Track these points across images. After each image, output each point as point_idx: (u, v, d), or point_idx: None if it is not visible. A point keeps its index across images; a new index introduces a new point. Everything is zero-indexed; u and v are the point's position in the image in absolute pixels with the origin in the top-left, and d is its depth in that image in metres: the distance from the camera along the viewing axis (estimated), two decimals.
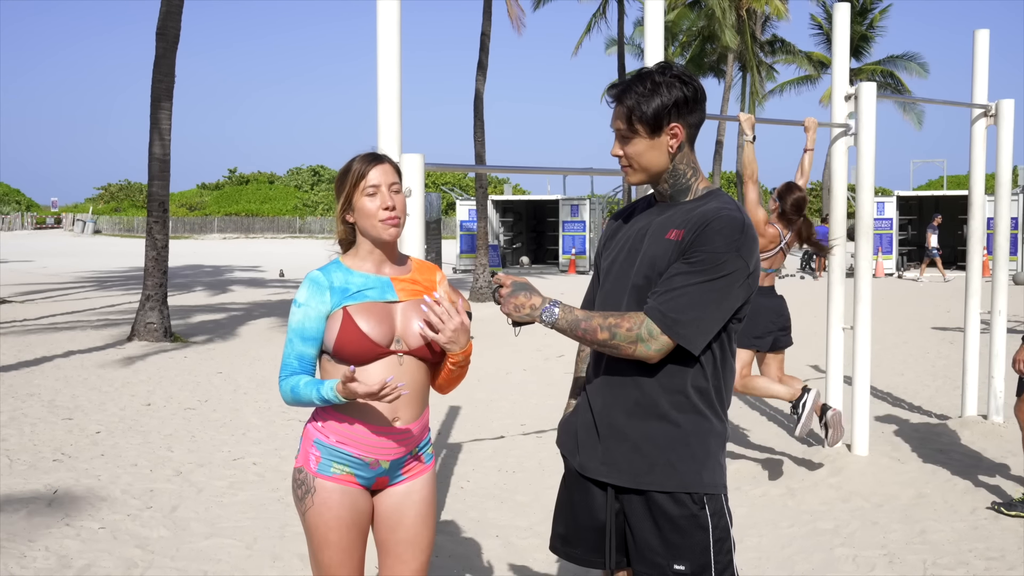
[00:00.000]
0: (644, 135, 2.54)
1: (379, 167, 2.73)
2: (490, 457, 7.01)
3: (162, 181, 13.77)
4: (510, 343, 12.79)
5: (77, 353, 12.03)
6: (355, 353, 2.68)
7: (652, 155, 2.56)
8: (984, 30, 7.70)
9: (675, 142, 2.55)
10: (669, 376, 2.51)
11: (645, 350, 2.45)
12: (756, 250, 2.50)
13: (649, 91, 2.51)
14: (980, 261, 7.87)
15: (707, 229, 2.44)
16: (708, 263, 2.42)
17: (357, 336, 2.67)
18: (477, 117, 21.58)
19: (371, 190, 2.70)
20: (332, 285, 2.72)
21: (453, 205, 45.88)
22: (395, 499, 2.83)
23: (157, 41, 13.68)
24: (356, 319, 2.68)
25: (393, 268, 2.80)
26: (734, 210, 2.50)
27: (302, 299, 2.72)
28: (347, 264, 2.77)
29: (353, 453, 2.73)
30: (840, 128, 6.72)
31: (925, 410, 8.55)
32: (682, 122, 2.53)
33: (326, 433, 2.74)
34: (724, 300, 2.45)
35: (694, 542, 2.51)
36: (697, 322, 2.43)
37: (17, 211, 71.29)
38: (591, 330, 2.50)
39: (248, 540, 5.13)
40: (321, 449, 2.74)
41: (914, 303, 19.82)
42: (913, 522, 5.35)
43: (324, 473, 2.73)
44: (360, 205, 2.71)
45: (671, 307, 2.43)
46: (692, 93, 2.53)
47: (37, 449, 7.11)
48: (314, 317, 2.71)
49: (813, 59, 44.17)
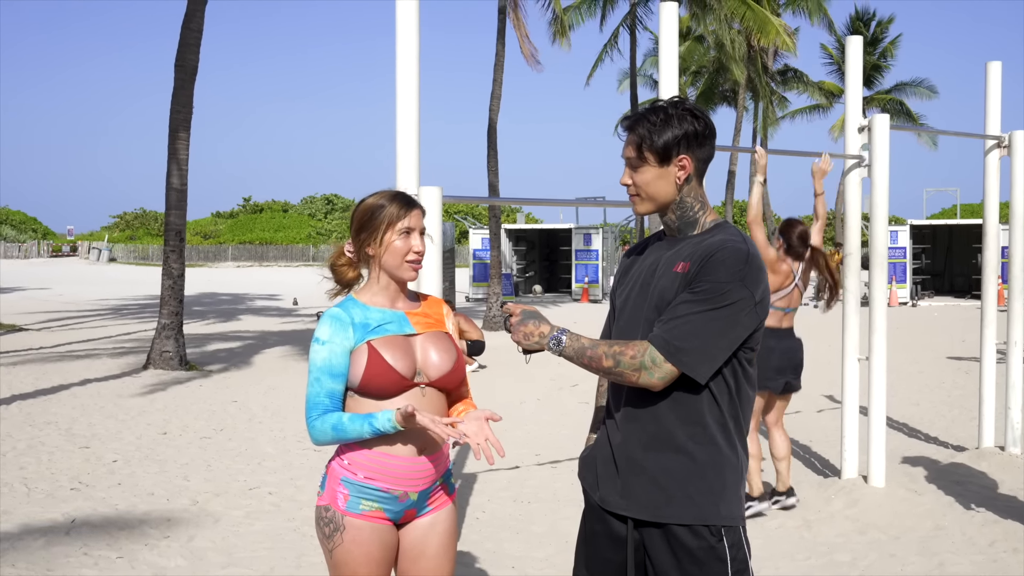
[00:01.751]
0: (653, 164, 2.60)
1: (415, 212, 2.81)
2: (505, 488, 7.01)
3: (179, 211, 13.90)
4: (524, 373, 12.80)
5: (94, 381, 12.10)
6: (382, 386, 2.71)
7: (660, 185, 2.61)
8: (996, 62, 7.73)
9: (683, 173, 2.60)
10: (685, 408, 2.54)
11: (648, 378, 2.48)
12: (762, 279, 2.53)
13: (661, 122, 2.58)
14: (995, 290, 7.85)
15: (711, 260, 2.48)
16: (712, 292, 2.45)
17: (385, 369, 2.71)
18: (491, 147, 21.71)
19: (405, 231, 2.77)
20: (353, 321, 2.76)
21: (466, 234, 46.00)
22: (420, 531, 2.85)
23: (176, 72, 13.86)
24: (382, 352, 2.72)
25: (406, 303, 2.88)
26: (739, 241, 2.54)
27: (325, 336, 2.74)
28: (362, 300, 2.83)
29: (382, 488, 2.74)
30: (854, 160, 6.74)
31: (942, 441, 8.51)
32: (691, 155, 2.60)
33: (353, 470, 2.75)
34: (729, 329, 2.47)
35: (712, 574, 2.52)
36: (701, 351, 2.45)
37: (33, 239, 71.83)
38: (596, 358, 2.54)
39: (265, 570, 5.14)
40: (349, 487, 2.75)
41: (928, 332, 19.74)
42: (931, 555, 5.32)
43: (353, 511, 2.75)
44: (392, 244, 2.77)
45: (674, 335, 2.46)
46: (702, 128, 2.60)
47: (55, 477, 7.15)
48: (340, 353, 2.73)
49: (824, 88, 44.30)
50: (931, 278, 33.42)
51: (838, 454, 6.96)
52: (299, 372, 13.40)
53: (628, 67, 33.07)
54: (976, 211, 49.12)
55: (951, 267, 34.42)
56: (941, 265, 34.32)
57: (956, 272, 34.20)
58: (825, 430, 9.06)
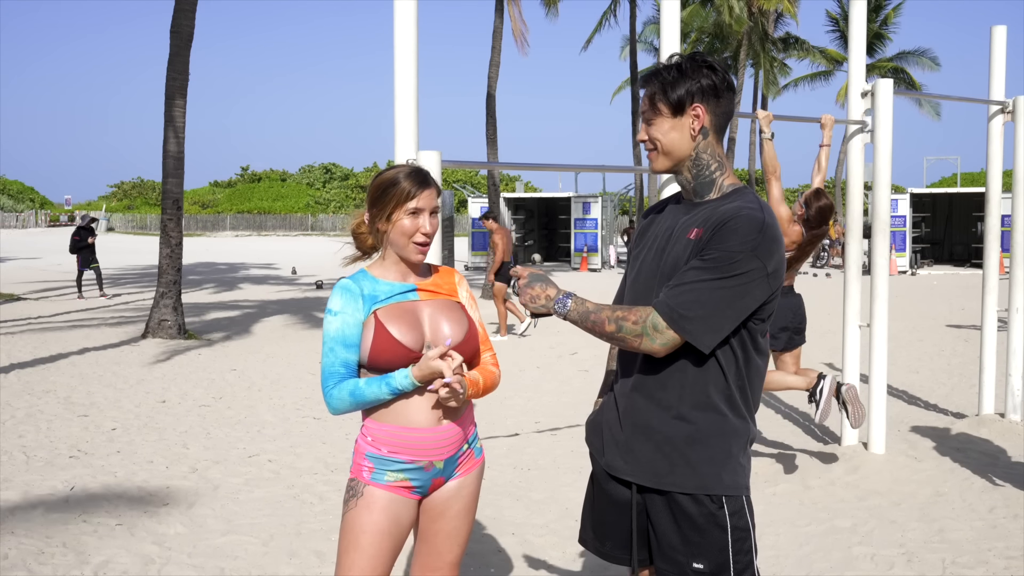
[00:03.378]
0: (667, 115, 2.54)
1: (428, 191, 2.76)
2: (505, 455, 7.01)
3: (176, 178, 13.81)
4: (523, 341, 12.79)
5: (92, 350, 12.09)
6: (390, 360, 2.70)
7: (674, 136, 2.55)
8: (1001, 26, 7.64)
9: (697, 124, 2.53)
10: (692, 377, 2.50)
11: (650, 344, 2.44)
12: (777, 250, 2.46)
13: (676, 75, 2.54)
14: (997, 258, 7.81)
15: (724, 228, 2.42)
16: (721, 261, 2.40)
17: (391, 344, 2.70)
18: (489, 115, 21.58)
19: (414, 211, 2.74)
20: (363, 293, 2.76)
21: (465, 203, 45.89)
22: (446, 494, 2.86)
23: (171, 38, 13.73)
24: (388, 327, 2.71)
25: (417, 278, 2.86)
26: (756, 209, 2.46)
27: (337, 307, 2.74)
28: (373, 273, 2.82)
29: (406, 460, 2.75)
30: (856, 125, 6.68)
31: (941, 408, 8.51)
32: (705, 105, 2.53)
33: (377, 446, 2.76)
34: (737, 300, 2.41)
35: (712, 541, 2.50)
36: (705, 319, 2.40)
37: (31, 209, 71.62)
38: (600, 322, 2.50)
39: (264, 537, 5.14)
40: (374, 460, 2.77)
41: (928, 300, 19.73)
42: (931, 520, 5.32)
43: (378, 481, 2.76)
44: (399, 222, 2.74)
45: (679, 302, 2.42)
46: (719, 81, 2.54)
47: (54, 446, 7.14)
48: (352, 324, 2.73)
49: (827, 55, 43.99)
50: (930, 247, 33.39)
51: (838, 421, 6.96)
52: (298, 340, 13.39)
53: (628, 34, 32.80)
54: (976, 179, 49.01)
55: (950, 236, 34.38)
56: (941, 234, 34.28)
57: (955, 241, 34.18)
58: None
